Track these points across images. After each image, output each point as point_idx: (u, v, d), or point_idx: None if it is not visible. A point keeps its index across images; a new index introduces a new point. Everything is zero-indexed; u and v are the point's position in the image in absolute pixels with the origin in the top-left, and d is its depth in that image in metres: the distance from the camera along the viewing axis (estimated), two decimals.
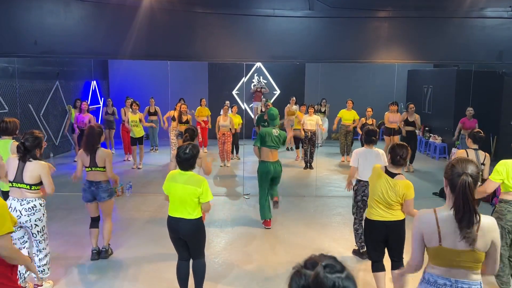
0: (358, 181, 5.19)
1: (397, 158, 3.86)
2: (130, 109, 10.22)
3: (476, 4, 7.41)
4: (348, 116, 10.92)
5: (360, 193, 5.18)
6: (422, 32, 7.56)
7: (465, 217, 2.31)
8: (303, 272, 1.29)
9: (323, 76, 11.57)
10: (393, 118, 10.01)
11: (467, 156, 5.22)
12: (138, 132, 10.03)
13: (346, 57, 7.99)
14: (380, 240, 4.01)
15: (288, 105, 12.00)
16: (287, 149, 12.46)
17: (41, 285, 4.36)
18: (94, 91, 13.16)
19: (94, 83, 13.19)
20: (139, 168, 10.09)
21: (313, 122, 10.26)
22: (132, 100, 10.68)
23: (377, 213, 3.94)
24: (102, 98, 13.58)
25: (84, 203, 5.11)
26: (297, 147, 11.49)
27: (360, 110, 11.00)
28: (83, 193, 5.05)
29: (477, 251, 2.38)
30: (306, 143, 10.34)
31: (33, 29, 7.33)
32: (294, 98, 12.09)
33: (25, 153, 4.09)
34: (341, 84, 13.89)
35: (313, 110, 10.43)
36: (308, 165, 10.41)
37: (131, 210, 7.12)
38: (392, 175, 3.88)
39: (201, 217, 3.93)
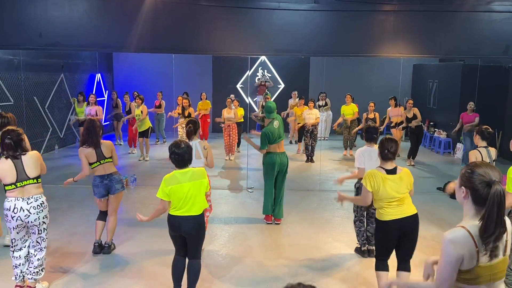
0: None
1: (385, 152, 3.80)
2: (135, 103, 10.29)
3: None
4: (348, 110, 10.95)
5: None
6: (428, 26, 7.51)
7: (497, 231, 2.09)
8: None
9: (327, 70, 11.53)
10: (393, 113, 10.56)
11: (481, 156, 5.02)
12: (143, 125, 10.08)
13: (351, 51, 7.96)
14: (394, 239, 3.86)
15: (291, 100, 12.21)
16: (290, 142, 12.65)
17: (34, 287, 4.13)
18: (98, 84, 13.19)
19: (98, 75, 13.21)
20: (146, 160, 10.20)
21: (313, 116, 10.35)
22: (136, 93, 10.74)
23: (390, 212, 3.76)
24: (107, 91, 13.61)
25: (96, 199, 4.98)
26: (299, 140, 11.57)
27: (365, 105, 10.96)
28: (95, 190, 4.92)
29: (506, 255, 2.22)
30: (308, 137, 10.39)
31: (38, 21, 7.35)
32: (295, 92, 12.25)
33: (16, 149, 3.93)
34: (346, 78, 13.84)
35: (313, 104, 10.51)
36: (310, 158, 10.48)
37: (135, 203, 7.15)
38: (393, 171, 3.80)
39: (203, 213, 3.92)
